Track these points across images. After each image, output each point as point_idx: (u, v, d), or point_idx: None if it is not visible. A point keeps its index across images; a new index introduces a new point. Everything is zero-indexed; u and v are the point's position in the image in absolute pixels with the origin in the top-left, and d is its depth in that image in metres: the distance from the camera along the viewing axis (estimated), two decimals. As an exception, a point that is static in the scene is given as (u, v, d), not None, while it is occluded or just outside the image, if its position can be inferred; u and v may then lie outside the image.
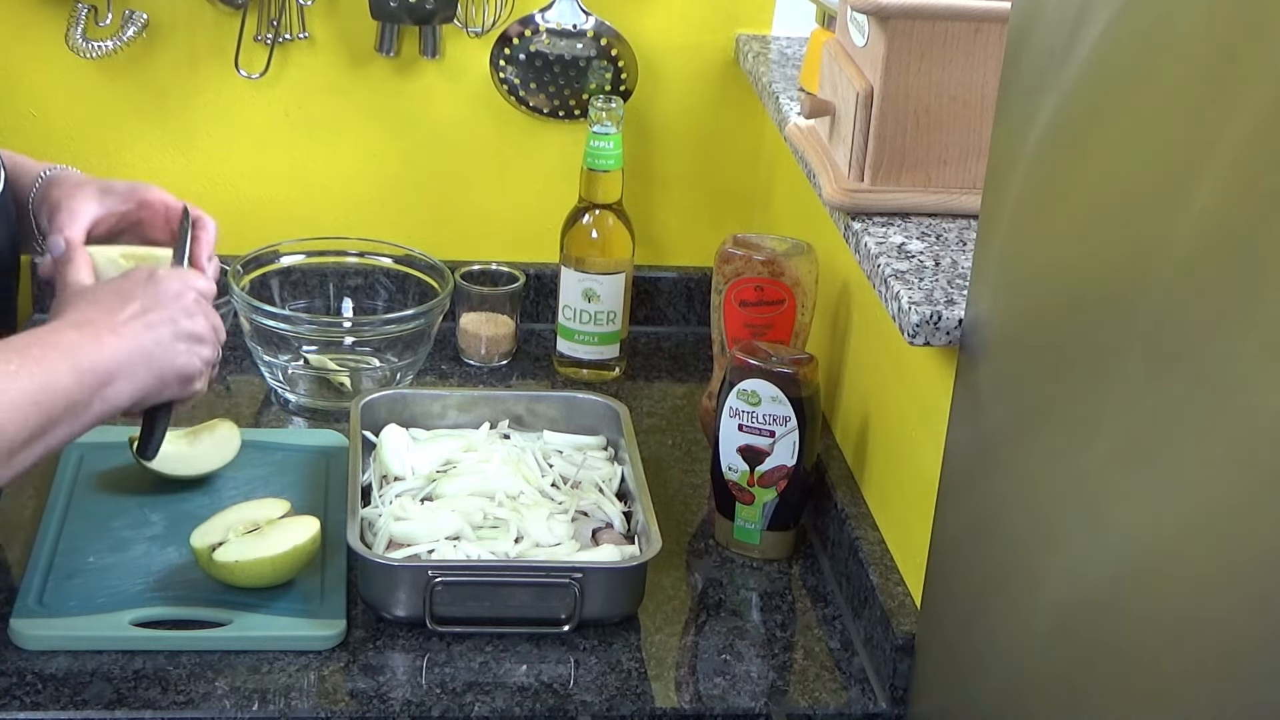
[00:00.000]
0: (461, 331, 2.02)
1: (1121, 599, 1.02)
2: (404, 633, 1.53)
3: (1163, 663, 0.97)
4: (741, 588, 1.65)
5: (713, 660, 1.54)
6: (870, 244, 1.48)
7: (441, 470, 1.68)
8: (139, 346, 1.38)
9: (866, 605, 1.56)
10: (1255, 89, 0.88)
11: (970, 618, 1.29)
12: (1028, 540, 1.17)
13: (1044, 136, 1.16)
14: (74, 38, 1.94)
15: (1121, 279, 1.03)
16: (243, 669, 1.47)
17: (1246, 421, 0.88)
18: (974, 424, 1.29)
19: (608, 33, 2.03)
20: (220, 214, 2.05)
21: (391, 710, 1.44)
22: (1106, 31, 1.06)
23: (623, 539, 1.61)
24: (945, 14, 1.48)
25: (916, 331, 1.36)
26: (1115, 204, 1.04)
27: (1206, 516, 0.92)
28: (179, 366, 1.41)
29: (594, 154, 1.94)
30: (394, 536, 1.57)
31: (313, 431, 1.84)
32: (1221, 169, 0.91)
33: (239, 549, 1.51)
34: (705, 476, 1.77)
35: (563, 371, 2.01)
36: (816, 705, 1.49)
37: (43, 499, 1.66)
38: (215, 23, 1.99)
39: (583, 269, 1.96)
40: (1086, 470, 1.07)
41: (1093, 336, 1.06)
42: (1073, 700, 1.08)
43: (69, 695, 1.42)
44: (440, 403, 1.77)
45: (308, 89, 2.03)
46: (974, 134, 1.52)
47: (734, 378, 1.65)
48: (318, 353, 1.92)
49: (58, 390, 1.31)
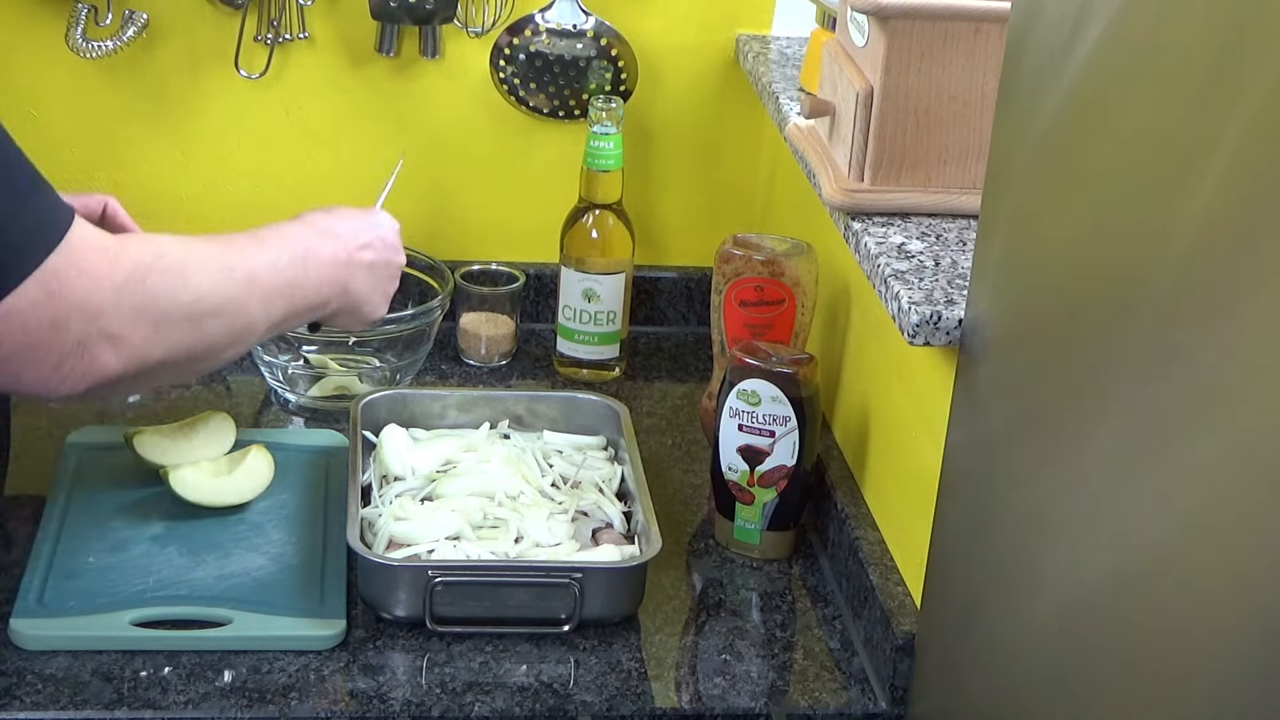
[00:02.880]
0: (461, 331, 2.02)
1: (1121, 599, 1.02)
2: (404, 633, 1.53)
3: (1162, 662, 0.97)
4: (741, 588, 1.65)
5: (713, 660, 1.54)
6: (870, 244, 1.48)
7: (441, 470, 1.68)
8: (360, 283, 1.52)
9: (866, 605, 1.56)
10: (1255, 88, 0.88)
11: (970, 617, 1.29)
12: (1027, 540, 1.17)
13: (1044, 136, 1.16)
14: (74, 38, 1.94)
15: (1122, 279, 1.03)
16: (243, 669, 1.47)
17: (1247, 421, 0.88)
18: (974, 424, 1.29)
19: (608, 33, 2.03)
20: (220, 214, 2.07)
21: (391, 710, 1.44)
22: (1106, 31, 1.06)
23: (623, 539, 1.61)
24: (945, 14, 1.48)
25: (916, 331, 1.36)
26: (1115, 204, 1.04)
27: (1206, 516, 0.92)
28: (368, 311, 1.55)
29: (594, 154, 1.94)
30: (394, 536, 1.57)
31: (313, 431, 1.84)
32: (1222, 168, 0.91)
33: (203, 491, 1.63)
34: (705, 476, 1.77)
35: (563, 371, 2.01)
36: (816, 705, 1.49)
37: (43, 499, 1.66)
38: (215, 23, 1.99)
39: (583, 269, 1.96)
40: (1086, 470, 1.07)
41: (1093, 336, 1.06)
42: (1072, 700, 1.08)
43: (69, 695, 1.42)
44: (440, 403, 1.77)
45: (308, 89, 2.03)
46: (974, 134, 1.52)
47: (734, 378, 1.65)
48: (318, 353, 1.92)
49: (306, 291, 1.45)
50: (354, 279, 1.51)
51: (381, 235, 1.56)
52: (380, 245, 1.55)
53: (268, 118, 2.04)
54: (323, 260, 1.48)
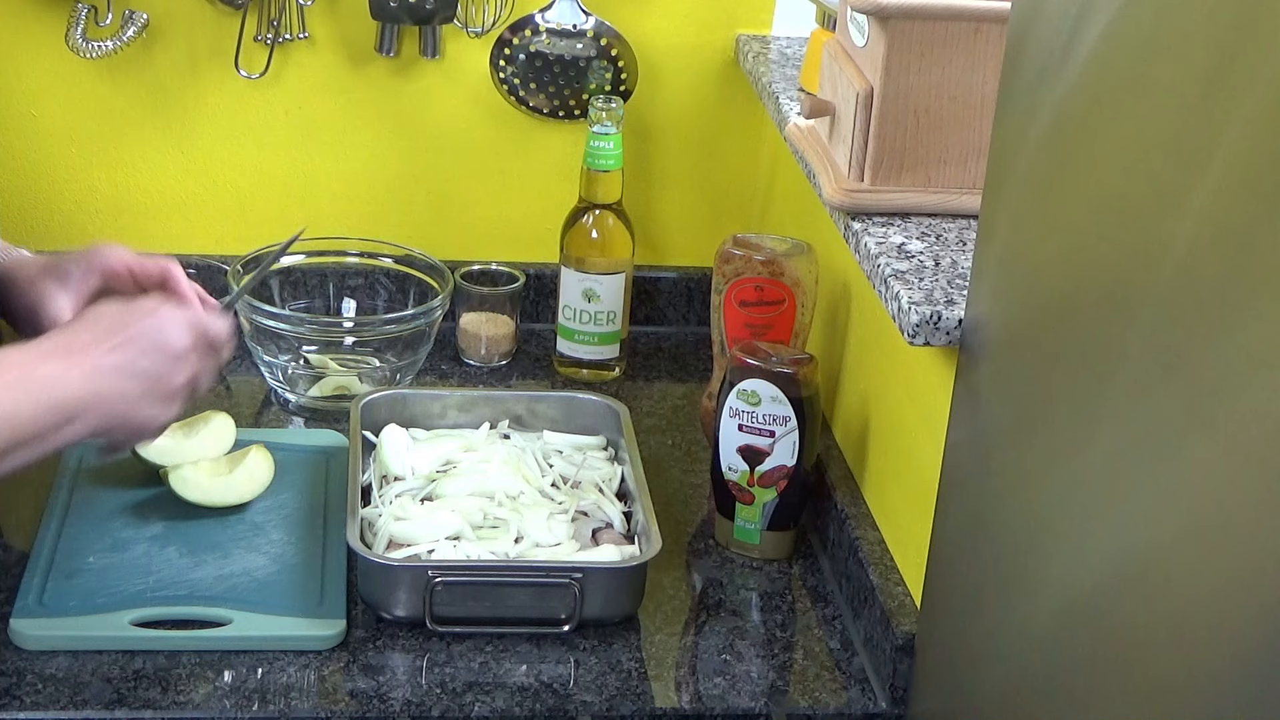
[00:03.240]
0: (461, 331, 2.02)
1: (1121, 599, 1.02)
2: (404, 633, 1.53)
3: (1162, 662, 0.97)
4: (741, 588, 1.65)
5: (713, 660, 1.54)
6: (870, 244, 1.48)
7: (441, 470, 1.68)
8: (108, 391, 1.34)
9: (866, 605, 1.56)
10: (1255, 89, 0.88)
11: (969, 617, 1.29)
12: (1027, 540, 1.17)
13: (1044, 136, 1.16)
14: (74, 38, 1.94)
15: (1121, 279, 1.03)
16: (243, 669, 1.47)
17: (1246, 422, 0.88)
18: (974, 424, 1.29)
19: (608, 33, 2.03)
20: (220, 214, 2.07)
21: (391, 710, 1.44)
22: (1106, 31, 1.06)
23: (623, 539, 1.61)
24: (945, 14, 1.48)
25: (916, 331, 1.36)
26: (1115, 204, 1.04)
27: (1205, 516, 0.92)
28: (137, 424, 1.37)
29: (594, 154, 1.94)
30: (394, 536, 1.57)
31: (313, 431, 1.84)
32: (1221, 169, 0.91)
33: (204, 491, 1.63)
34: (705, 476, 1.77)
35: (563, 371, 2.01)
36: (816, 705, 1.49)
37: (43, 499, 1.66)
38: (215, 23, 1.99)
39: (583, 269, 1.96)
40: (1086, 470, 1.07)
41: (1092, 337, 1.06)
42: (1072, 700, 1.08)
43: (69, 695, 1.42)
44: (440, 403, 1.77)
45: (308, 89, 2.03)
46: (974, 134, 1.52)
47: (734, 378, 1.65)
48: (318, 353, 1.92)
49: (21, 420, 1.30)
50: (100, 390, 1.34)
51: (153, 338, 1.37)
52: (144, 343, 1.36)
53: (268, 118, 2.04)
54: (45, 382, 1.32)
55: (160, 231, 2.07)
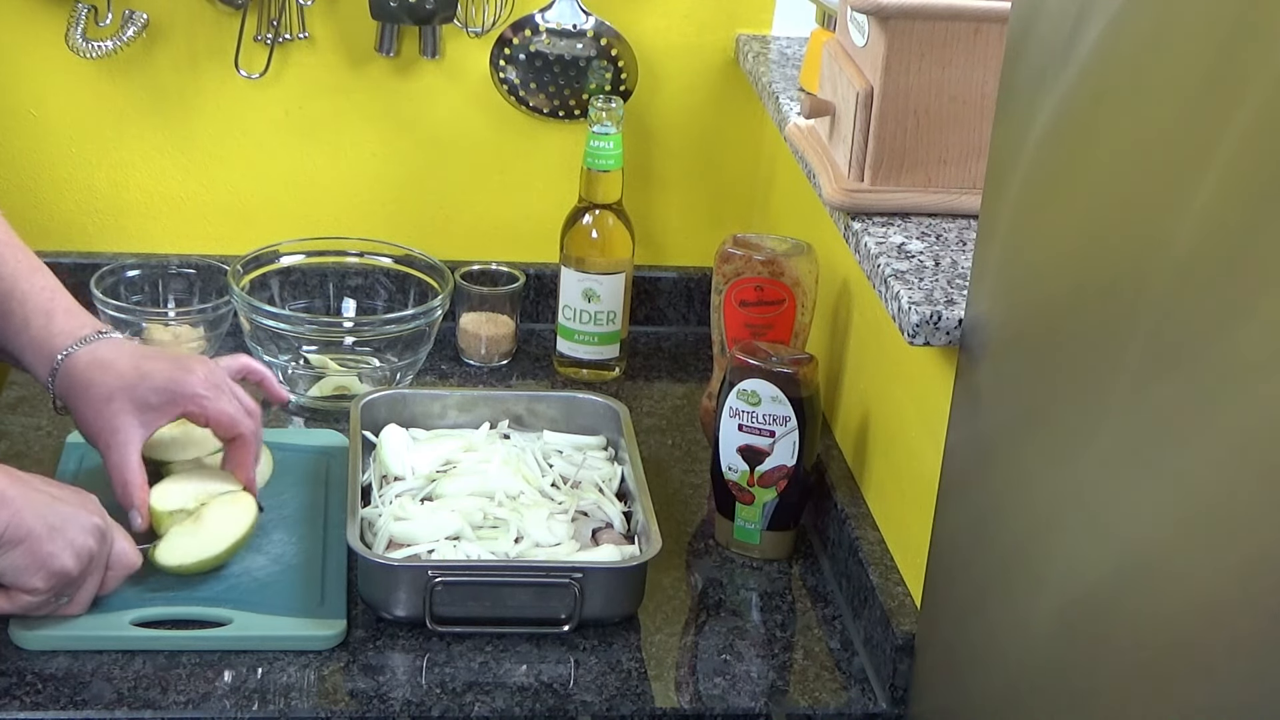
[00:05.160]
0: (461, 331, 2.02)
1: (1121, 598, 1.02)
2: (404, 633, 1.53)
3: (1162, 662, 0.97)
4: (741, 588, 1.65)
5: (713, 660, 1.54)
6: (870, 244, 1.48)
7: (441, 470, 1.68)
8: (31, 500, 1.41)
9: (866, 605, 1.56)
10: (1255, 89, 0.88)
11: (970, 617, 1.29)
12: (1027, 540, 1.17)
13: (1044, 136, 1.16)
14: (74, 38, 1.94)
15: (1121, 279, 1.03)
16: (243, 669, 1.47)
17: (1246, 421, 0.88)
18: (974, 424, 1.29)
19: (608, 33, 2.03)
20: (220, 214, 2.07)
21: (391, 710, 1.44)
22: (1106, 31, 1.06)
23: (623, 539, 1.61)
24: (945, 14, 1.48)
25: (916, 331, 1.36)
26: (1115, 204, 1.05)
27: (1205, 516, 0.92)
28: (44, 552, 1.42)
29: (594, 154, 1.94)
30: (394, 536, 1.57)
31: (313, 431, 1.84)
32: (1221, 168, 0.91)
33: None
34: (705, 476, 1.77)
35: (563, 371, 2.01)
36: (816, 705, 1.49)
37: (43, 499, 1.66)
38: (215, 23, 1.99)
39: (583, 269, 1.96)
40: (1086, 470, 1.07)
41: (1092, 336, 1.06)
42: (1072, 699, 1.08)
43: (69, 695, 1.42)
44: (440, 403, 1.77)
45: (308, 89, 2.03)
46: (974, 134, 1.52)
47: (734, 378, 1.65)
48: (318, 353, 1.92)
49: None
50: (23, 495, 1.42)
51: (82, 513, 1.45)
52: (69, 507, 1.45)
53: (268, 118, 2.04)
54: None
55: (160, 231, 2.07)
